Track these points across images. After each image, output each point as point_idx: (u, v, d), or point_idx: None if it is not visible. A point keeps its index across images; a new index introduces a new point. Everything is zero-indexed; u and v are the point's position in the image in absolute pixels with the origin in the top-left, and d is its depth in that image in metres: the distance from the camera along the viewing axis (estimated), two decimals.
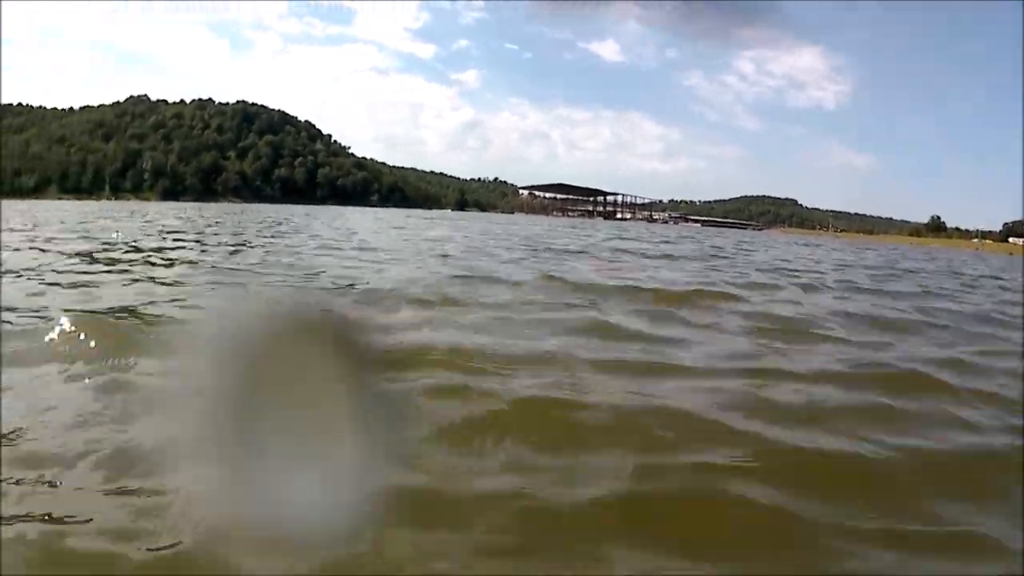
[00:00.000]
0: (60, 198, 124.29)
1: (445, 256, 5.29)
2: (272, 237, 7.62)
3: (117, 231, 9.40)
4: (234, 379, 0.84)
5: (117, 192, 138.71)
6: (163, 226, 10.65)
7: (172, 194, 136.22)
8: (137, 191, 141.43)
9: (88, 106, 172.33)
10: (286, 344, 0.87)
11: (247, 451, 0.83)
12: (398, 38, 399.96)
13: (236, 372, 0.85)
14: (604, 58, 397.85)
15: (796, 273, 8.98)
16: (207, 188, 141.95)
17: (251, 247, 6.52)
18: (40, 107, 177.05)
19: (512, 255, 6.61)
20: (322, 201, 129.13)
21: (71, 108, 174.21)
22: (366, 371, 0.86)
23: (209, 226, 9.39)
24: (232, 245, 6.60)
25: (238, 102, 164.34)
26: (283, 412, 0.86)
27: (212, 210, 29.34)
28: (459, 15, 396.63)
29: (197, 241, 6.60)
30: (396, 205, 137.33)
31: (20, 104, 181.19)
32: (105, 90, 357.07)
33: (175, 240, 7.35)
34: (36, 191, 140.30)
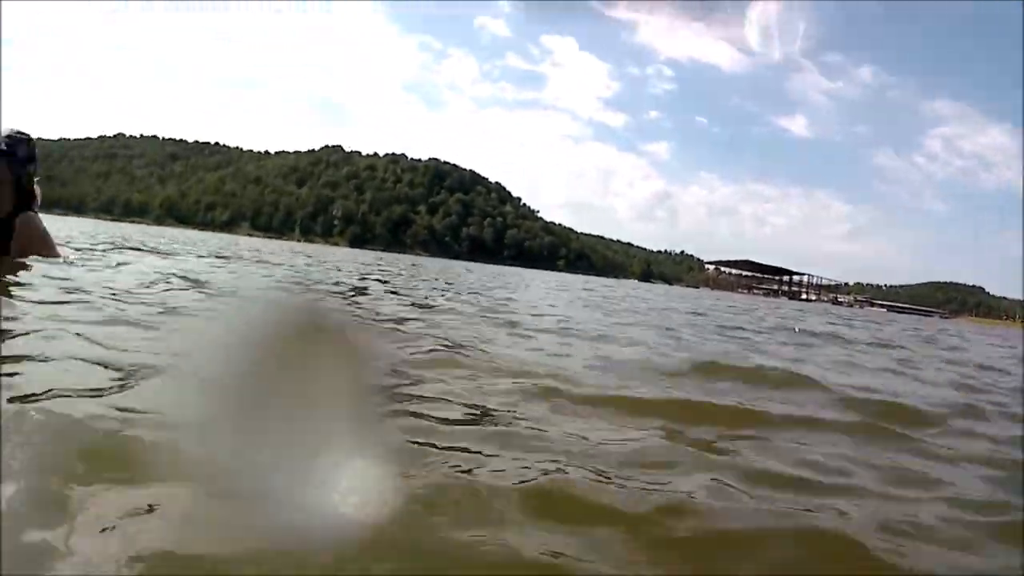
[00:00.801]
0: (250, 234, 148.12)
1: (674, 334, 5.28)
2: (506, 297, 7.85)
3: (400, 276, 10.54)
4: None
5: (307, 234, 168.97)
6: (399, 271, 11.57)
7: (360, 241, 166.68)
8: (326, 235, 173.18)
9: (283, 151, 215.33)
10: None
11: None
12: (590, 107, 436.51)
13: None
14: (793, 132, 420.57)
15: None
16: (395, 239, 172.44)
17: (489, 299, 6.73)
18: (237, 148, 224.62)
19: (763, 336, 6.20)
20: (508, 262, 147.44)
21: (267, 152, 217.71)
22: None
23: (451, 283, 10.11)
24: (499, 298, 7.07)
25: (431, 159, 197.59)
26: None
27: (430, 263, 31.55)
28: (649, 84, 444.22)
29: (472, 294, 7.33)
30: (581, 271, 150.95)
31: (217, 144, 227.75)
32: (300, 137, 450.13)
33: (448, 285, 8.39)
34: (227, 225, 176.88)
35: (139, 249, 8.67)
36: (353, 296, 4.93)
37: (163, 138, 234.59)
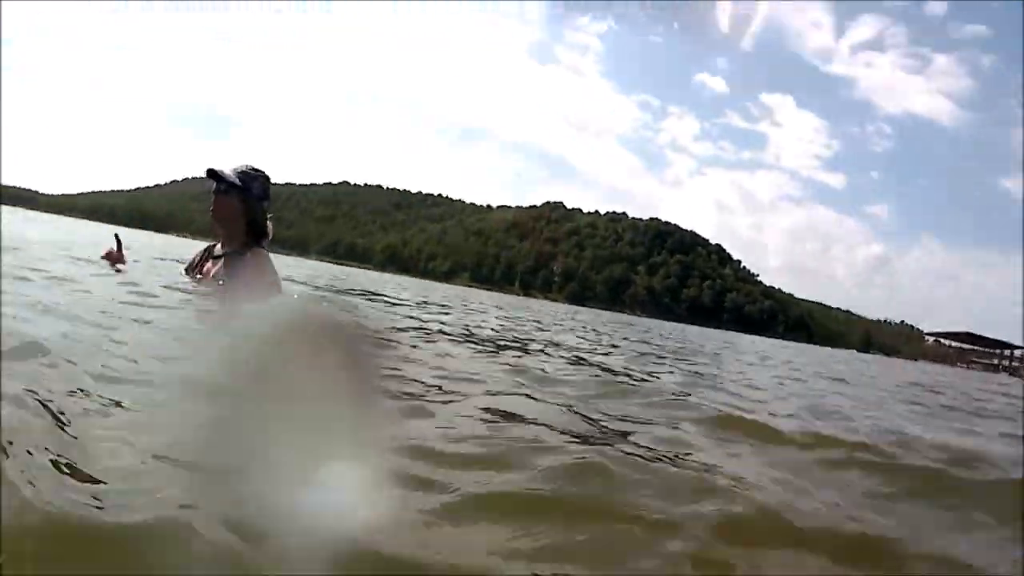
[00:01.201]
0: (470, 286, 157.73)
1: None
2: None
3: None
4: None
5: (527, 289, 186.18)
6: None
7: (578, 298, 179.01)
8: (545, 291, 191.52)
9: (505, 206, 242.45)
10: None
11: None
12: (808, 166, 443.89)
13: None
14: (1015, 194, 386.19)
15: None
16: (614, 298, 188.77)
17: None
18: (459, 200, 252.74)
19: None
20: (727, 325, 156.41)
21: (489, 205, 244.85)
22: None
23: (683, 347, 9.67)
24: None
25: (651, 219, 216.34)
26: None
27: (663, 327, 31.72)
28: (869, 142, 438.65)
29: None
30: (801, 339, 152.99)
31: (440, 195, 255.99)
32: (522, 192, 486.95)
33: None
34: (448, 276, 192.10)
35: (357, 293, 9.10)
36: (502, 349, 4.44)
37: (387, 187, 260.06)
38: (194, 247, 4.38)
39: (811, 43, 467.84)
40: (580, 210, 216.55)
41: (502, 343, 5.12)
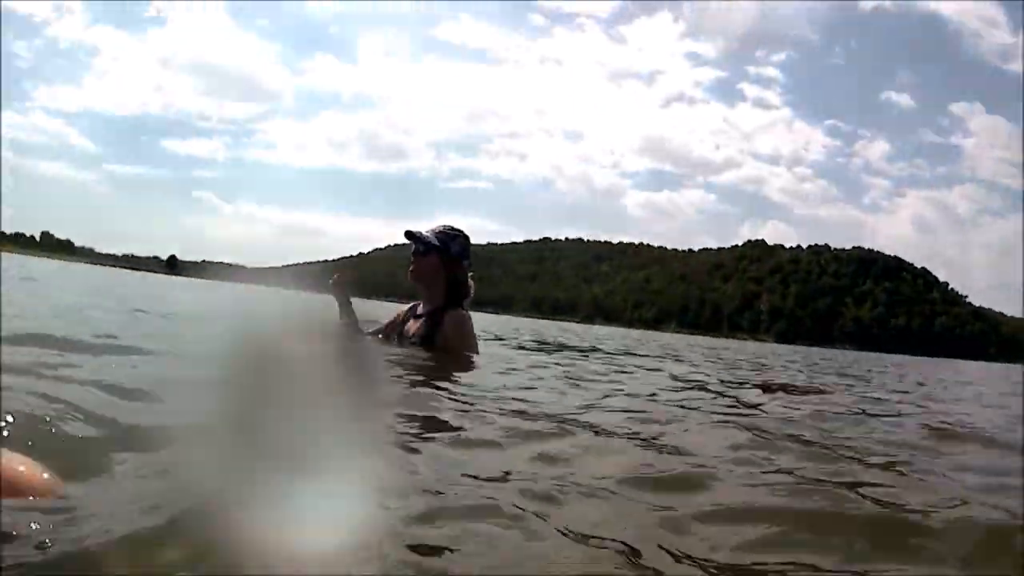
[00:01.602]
0: (677, 332, 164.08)
1: None
2: None
3: None
4: None
5: (735, 331, 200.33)
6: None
7: (787, 337, 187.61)
8: (753, 331, 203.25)
9: (707, 248, 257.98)
10: None
11: None
12: (1006, 174, 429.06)
13: None
14: None
15: None
16: (823, 333, 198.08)
17: None
18: (660, 247, 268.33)
19: None
20: (940, 352, 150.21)
21: (690, 249, 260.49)
22: None
23: None
24: None
25: (854, 248, 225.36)
26: None
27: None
28: None
29: None
30: (1010, 360, 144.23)
31: (641, 244, 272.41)
32: (723, 233, 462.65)
33: None
34: (655, 323, 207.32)
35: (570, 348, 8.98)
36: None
37: (587, 240, 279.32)
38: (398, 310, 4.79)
39: (989, 42, 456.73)
40: (782, 246, 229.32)
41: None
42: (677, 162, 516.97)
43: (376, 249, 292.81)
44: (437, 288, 4.42)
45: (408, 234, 4.46)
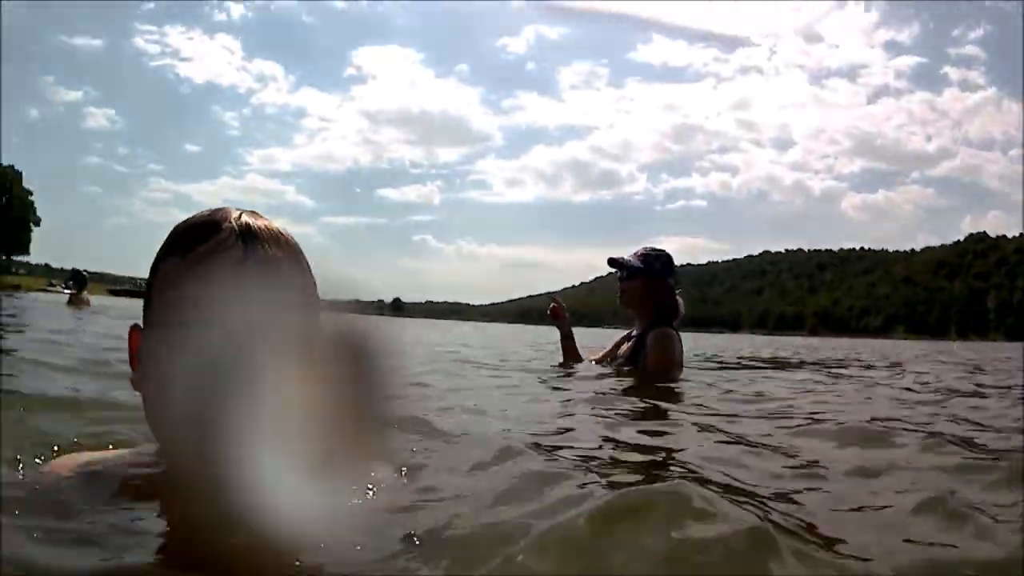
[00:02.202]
0: (905, 337, 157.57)
1: None
2: None
3: None
4: None
5: (963, 335, 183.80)
6: None
7: (1019, 333, 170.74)
8: (982, 331, 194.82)
9: (929, 246, 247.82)
10: None
11: None
12: None
13: None
14: None
15: None
16: None
17: None
18: (882, 250, 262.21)
19: None
20: None
21: (912, 250, 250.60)
22: None
23: None
24: None
25: None
26: None
27: None
28: None
29: None
30: None
31: (862, 248, 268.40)
32: (942, 229, 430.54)
33: None
34: (882, 330, 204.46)
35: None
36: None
37: (808, 250, 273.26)
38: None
39: None
40: (1005, 236, 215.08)
41: None
42: (890, 159, 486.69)
43: (598, 277, 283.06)
44: (646, 309, 4.49)
45: (611, 261, 4.58)
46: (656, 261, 4.54)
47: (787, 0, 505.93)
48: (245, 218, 1.16)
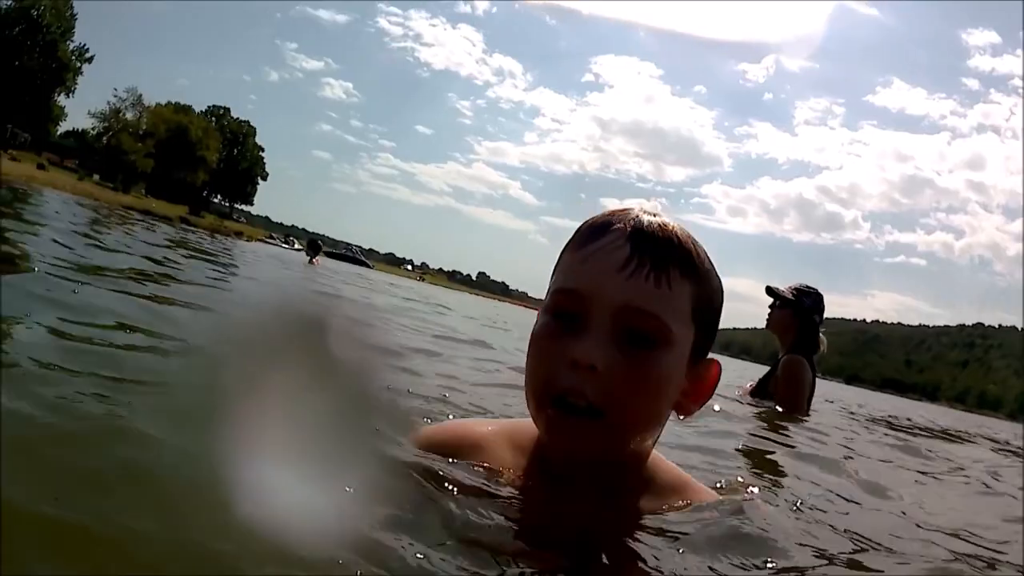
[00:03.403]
0: None
1: None
2: None
3: None
4: None
5: None
6: None
7: None
8: None
9: None
10: None
11: None
12: None
13: None
14: None
15: None
16: None
17: None
18: None
19: None
20: None
21: None
22: None
23: None
24: None
25: None
26: None
27: None
28: None
29: None
30: None
31: None
32: None
33: None
34: None
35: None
36: None
37: (1022, 328, 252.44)
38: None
39: None
40: None
41: None
42: None
43: None
44: (787, 339, 4.82)
45: (768, 290, 4.90)
46: (806, 297, 4.87)
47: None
48: (644, 219, 1.18)
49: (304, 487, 0.91)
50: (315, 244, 20.97)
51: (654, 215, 1.21)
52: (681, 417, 1.29)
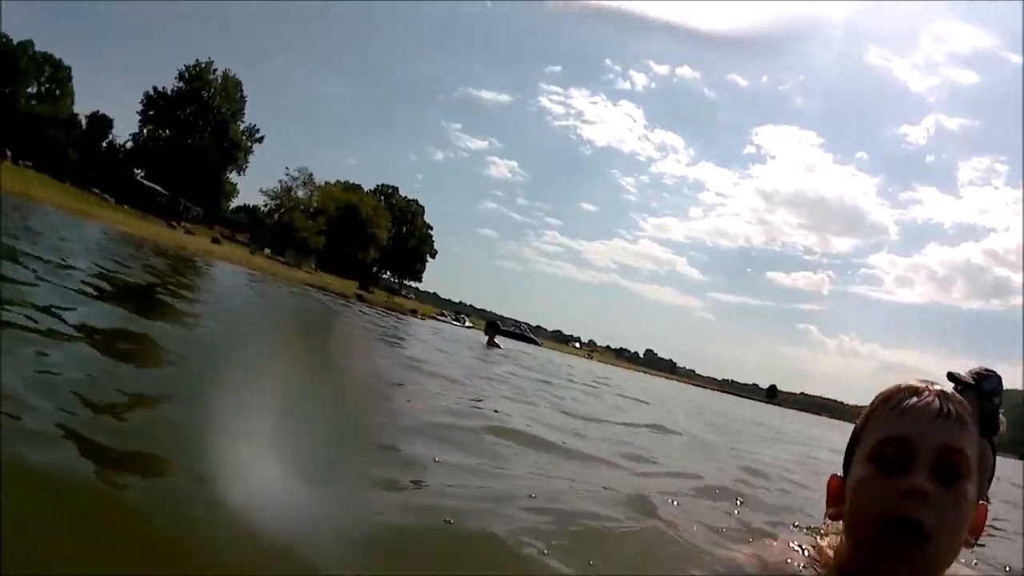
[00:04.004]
0: None
1: None
2: None
3: None
4: None
5: None
6: None
7: None
8: None
9: None
10: None
11: None
12: None
13: None
14: None
15: None
16: None
17: None
18: None
19: None
20: None
21: None
22: None
23: None
24: None
25: None
26: None
27: None
28: None
29: None
30: None
31: None
32: None
33: None
34: None
35: None
36: None
37: None
38: None
39: None
40: None
41: None
42: None
43: None
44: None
45: (949, 375, 4.72)
46: (987, 380, 4.95)
47: None
48: (939, 386, 1.51)
49: None
50: (494, 325, 21.14)
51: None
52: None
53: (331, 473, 2.20)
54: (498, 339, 20.11)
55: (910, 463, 1.43)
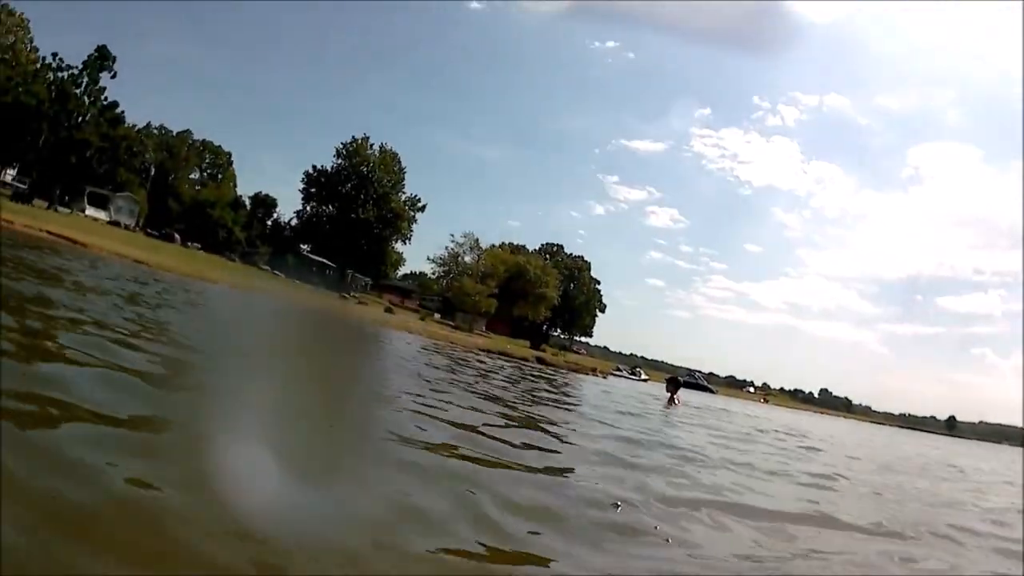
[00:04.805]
0: None
1: None
2: None
3: None
4: None
5: None
6: None
7: None
8: None
9: None
10: None
11: None
12: None
13: None
14: None
15: None
16: None
17: None
18: None
19: None
20: None
21: None
22: None
23: None
24: None
25: None
26: None
27: None
28: None
29: None
30: None
31: None
32: None
33: None
34: None
35: None
36: None
37: None
38: None
39: None
40: None
41: None
42: None
43: None
44: None
45: None
46: None
47: None
48: None
49: None
50: (675, 381, 21.53)
51: None
52: None
53: None
54: (680, 395, 20.87)
55: None
